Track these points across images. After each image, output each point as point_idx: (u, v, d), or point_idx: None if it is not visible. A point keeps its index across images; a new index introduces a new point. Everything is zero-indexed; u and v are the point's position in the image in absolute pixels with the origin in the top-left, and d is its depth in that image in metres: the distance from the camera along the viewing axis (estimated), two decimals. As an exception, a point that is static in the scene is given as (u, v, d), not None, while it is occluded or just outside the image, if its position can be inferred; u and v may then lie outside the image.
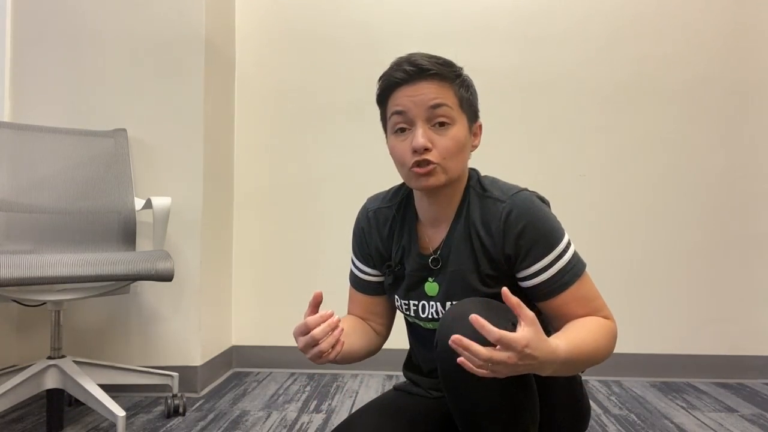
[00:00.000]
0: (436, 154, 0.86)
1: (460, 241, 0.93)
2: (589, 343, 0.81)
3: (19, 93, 1.96)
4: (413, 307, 0.99)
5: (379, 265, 1.04)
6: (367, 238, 1.04)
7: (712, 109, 2.23)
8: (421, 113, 0.86)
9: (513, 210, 0.89)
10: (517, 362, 0.67)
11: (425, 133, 0.85)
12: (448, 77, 0.88)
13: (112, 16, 1.97)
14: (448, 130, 0.87)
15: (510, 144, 2.25)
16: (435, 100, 0.86)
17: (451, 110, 0.87)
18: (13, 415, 1.71)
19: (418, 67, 0.86)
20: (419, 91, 0.86)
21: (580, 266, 0.89)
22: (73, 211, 1.75)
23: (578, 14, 2.25)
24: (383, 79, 0.90)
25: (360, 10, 2.28)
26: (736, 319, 2.20)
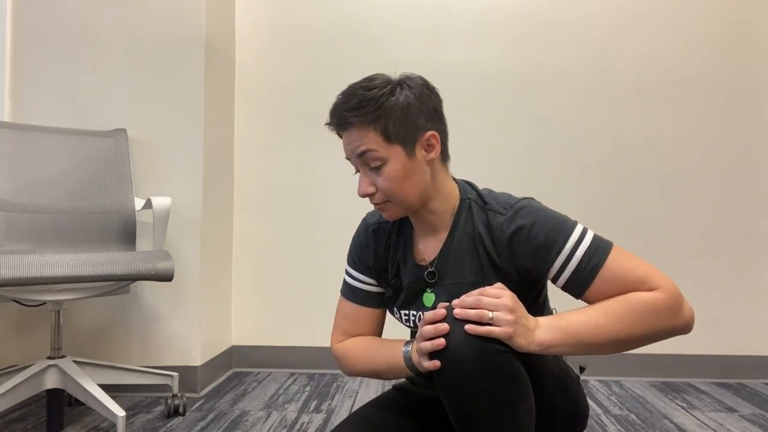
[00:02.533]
0: (380, 195, 0.91)
1: (460, 253, 0.93)
2: (593, 316, 0.79)
3: (19, 93, 1.96)
4: (412, 317, 0.99)
5: (376, 275, 1.04)
6: (366, 251, 1.04)
7: (712, 109, 2.23)
8: (357, 161, 0.91)
9: (516, 221, 0.89)
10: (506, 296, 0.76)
11: (364, 180, 0.91)
12: (364, 121, 0.87)
13: (112, 16, 1.97)
14: (382, 170, 0.89)
15: (510, 144, 2.25)
16: (359, 148, 0.88)
17: (377, 152, 0.88)
18: (13, 415, 1.71)
19: (338, 120, 0.90)
20: (347, 141, 0.91)
21: (605, 245, 0.86)
22: (73, 211, 1.75)
23: (578, 14, 2.25)
24: (330, 126, 0.94)
25: (360, 10, 2.28)
26: (736, 319, 2.20)
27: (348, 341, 1.04)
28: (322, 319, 2.09)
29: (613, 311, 0.80)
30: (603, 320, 0.79)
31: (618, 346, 0.81)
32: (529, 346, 0.77)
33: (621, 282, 0.82)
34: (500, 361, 0.76)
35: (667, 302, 0.81)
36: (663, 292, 0.81)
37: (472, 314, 0.76)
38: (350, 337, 1.05)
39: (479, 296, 0.77)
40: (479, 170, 2.25)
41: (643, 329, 0.80)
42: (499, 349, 0.75)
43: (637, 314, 0.80)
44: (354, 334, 1.05)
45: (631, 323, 0.80)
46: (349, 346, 1.03)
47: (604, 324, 0.79)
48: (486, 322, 0.75)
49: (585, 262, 0.84)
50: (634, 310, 0.80)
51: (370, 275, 1.04)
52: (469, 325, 0.75)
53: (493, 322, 0.75)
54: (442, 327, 0.76)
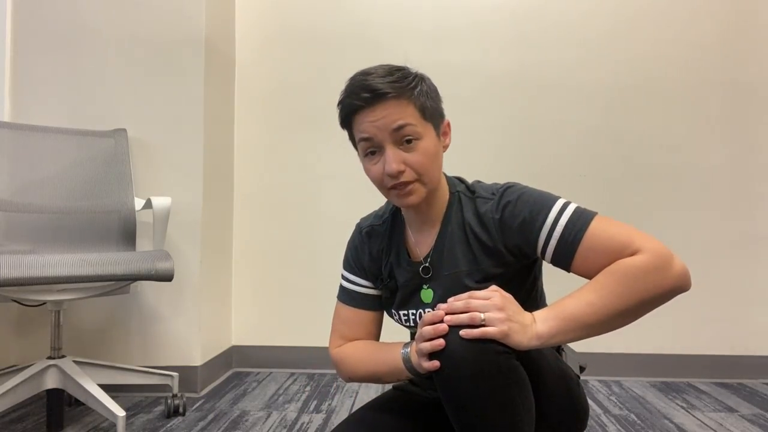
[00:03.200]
0: (411, 173, 0.88)
1: (453, 244, 0.94)
2: (584, 296, 0.79)
3: (19, 93, 1.96)
4: (412, 316, 0.99)
5: (372, 277, 1.04)
6: (361, 254, 1.05)
7: (712, 109, 2.23)
8: (387, 137, 0.87)
9: (504, 200, 0.92)
10: (496, 296, 0.76)
11: (395, 156, 0.87)
12: (405, 95, 0.87)
13: (112, 16, 1.97)
14: (417, 145, 0.87)
15: (509, 144, 2.25)
16: (397, 122, 0.86)
17: (415, 127, 0.87)
18: (13, 415, 1.71)
19: (374, 92, 0.85)
20: (380, 114, 0.86)
21: (587, 213, 0.87)
22: (73, 211, 1.75)
23: (578, 14, 2.25)
24: (342, 105, 0.90)
25: (360, 9, 2.28)
26: (736, 319, 2.20)
27: (346, 346, 1.03)
28: (322, 319, 2.07)
29: (601, 285, 0.79)
30: (594, 297, 0.78)
31: (618, 320, 0.78)
32: (530, 342, 0.76)
33: (605, 248, 0.82)
34: (498, 362, 0.75)
35: (652, 263, 0.79)
36: (646, 254, 0.80)
37: (464, 318, 0.75)
38: (348, 342, 1.05)
39: (469, 299, 0.77)
40: (479, 170, 2.25)
41: (636, 296, 0.78)
42: (498, 350, 0.75)
43: (625, 282, 0.78)
44: (352, 338, 1.04)
45: (623, 292, 0.78)
46: (348, 350, 1.02)
47: (597, 300, 0.78)
48: (479, 324, 0.75)
49: (568, 230, 0.85)
50: (620, 279, 0.79)
51: (366, 278, 1.04)
52: (465, 330, 0.74)
53: (486, 322, 0.75)
54: (441, 327, 0.76)
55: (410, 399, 1.04)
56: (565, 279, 1.00)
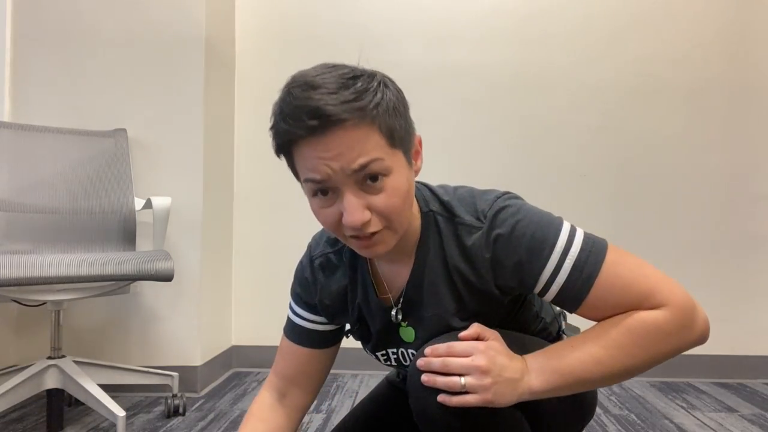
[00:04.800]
0: (378, 221, 0.67)
1: (433, 281, 0.77)
2: (592, 351, 0.68)
3: (19, 93, 1.96)
4: (392, 356, 0.86)
5: (331, 317, 0.89)
6: (312, 289, 0.88)
7: (713, 109, 2.23)
8: (345, 179, 0.64)
9: (494, 231, 0.73)
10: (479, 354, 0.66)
11: (358, 204, 0.65)
12: (367, 118, 0.64)
13: (112, 16, 1.97)
14: (385, 184, 0.66)
15: (510, 144, 2.25)
16: (358, 160, 0.64)
17: (383, 161, 0.65)
18: (13, 415, 1.71)
19: (325, 117, 0.62)
20: (334, 149, 0.63)
21: (598, 247, 0.71)
22: (73, 211, 1.75)
23: (578, 14, 2.25)
24: (278, 133, 0.66)
25: (360, 10, 2.28)
26: (736, 319, 2.20)
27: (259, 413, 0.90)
28: (322, 319, 2.07)
29: (614, 342, 0.67)
30: (604, 354, 0.67)
31: (624, 377, 0.69)
32: (520, 398, 0.67)
33: (619, 298, 0.69)
34: (482, 424, 0.67)
35: (678, 321, 0.68)
36: (671, 311, 0.67)
37: (440, 383, 0.65)
38: (287, 384, 0.92)
39: (447, 356, 0.66)
40: (479, 170, 2.26)
41: (651, 355, 0.67)
42: (482, 414, 0.66)
43: (642, 342, 0.67)
44: (292, 379, 0.91)
45: (637, 353, 0.67)
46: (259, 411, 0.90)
47: (606, 358, 0.67)
48: (458, 391, 0.65)
49: (577, 270, 0.70)
50: (638, 340, 0.67)
51: (316, 313, 0.89)
52: (441, 397, 0.65)
53: (467, 388, 0.64)
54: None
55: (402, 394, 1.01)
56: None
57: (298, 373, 0.91)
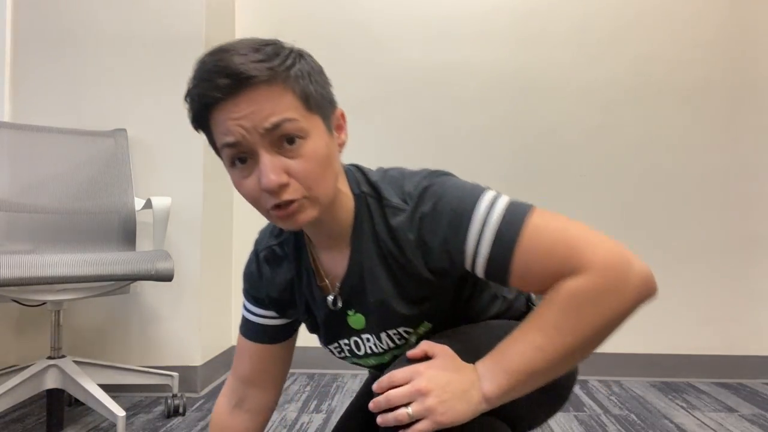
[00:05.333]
0: (296, 187, 0.65)
1: (371, 267, 0.75)
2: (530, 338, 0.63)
3: (19, 93, 1.96)
4: (345, 347, 0.84)
5: (281, 310, 0.87)
6: (260, 284, 0.86)
7: (713, 109, 2.23)
8: (258, 139, 0.63)
9: (418, 212, 0.70)
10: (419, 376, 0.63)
11: (274, 165, 0.63)
12: (279, 78, 0.64)
13: (112, 16, 1.97)
14: (302, 147, 0.65)
15: (510, 144, 2.25)
16: (271, 118, 0.63)
17: (298, 122, 0.64)
18: (13, 415, 1.71)
19: (235, 76, 0.62)
20: (246, 108, 0.62)
21: (519, 212, 0.67)
22: (73, 211, 1.75)
23: (578, 14, 2.25)
24: (191, 97, 0.66)
25: (360, 9, 2.28)
26: (736, 319, 2.20)
27: (219, 421, 0.91)
28: (322, 319, 2.07)
29: (549, 324, 0.63)
30: (541, 338, 0.63)
31: (577, 355, 0.63)
32: (477, 409, 0.63)
33: (545, 262, 0.64)
34: None
35: (602, 283, 0.62)
36: (594, 274, 0.62)
37: (390, 420, 0.62)
38: (245, 386, 0.91)
39: (388, 392, 0.64)
40: (479, 169, 2.26)
41: (590, 329, 0.62)
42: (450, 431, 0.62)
43: (575, 316, 0.62)
44: (251, 380, 0.90)
45: (573, 327, 0.62)
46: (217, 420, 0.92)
47: (545, 341, 0.62)
48: (407, 423, 0.62)
49: (498, 243, 0.66)
50: (570, 313, 0.62)
51: (266, 308, 0.88)
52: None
53: (415, 416, 0.61)
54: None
55: None
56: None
57: (256, 372, 0.90)
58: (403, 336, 0.79)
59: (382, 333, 0.79)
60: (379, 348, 0.81)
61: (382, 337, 0.80)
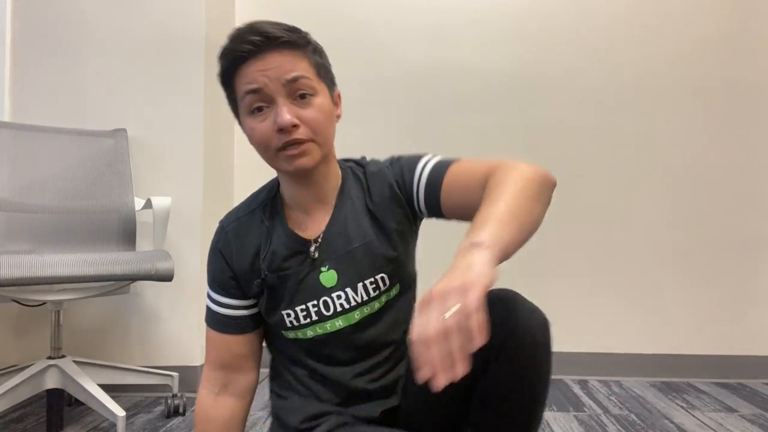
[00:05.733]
0: (305, 130, 0.78)
1: (356, 213, 0.86)
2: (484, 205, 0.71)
3: (19, 93, 1.96)
4: (312, 309, 0.85)
5: (248, 287, 0.88)
6: (228, 259, 0.89)
7: (713, 109, 2.23)
8: (279, 88, 0.77)
9: (391, 164, 0.90)
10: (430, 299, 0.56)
11: (289, 108, 0.77)
12: (300, 45, 0.80)
13: (112, 16, 1.97)
14: (312, 101, 0.79)
15: (510, 144, 2.25)
16: (292, 72, 0.77)
17: (311, 80, 0.79)
18: (13, 415, 1.71)
19: (266, 35, 0.77)
20: (271, 63, 0.77)
21: (454, 158, 0.87)
22: (73, 211, 1.75)
23: (578, 14, 2.25)
24: (226, 54, 0.79)
25: (360, 9, 2.28)
26: (736, 319, 2.20)
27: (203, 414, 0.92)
28: (322, 319, 2.07)
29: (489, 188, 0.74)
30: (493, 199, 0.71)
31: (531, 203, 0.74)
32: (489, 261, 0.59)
33: (469, 175, 0.81)
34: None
35: (510, 164, 0.79)
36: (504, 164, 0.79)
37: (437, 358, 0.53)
38: (225, 373, 0.92)
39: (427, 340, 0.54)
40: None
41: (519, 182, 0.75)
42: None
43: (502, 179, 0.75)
44: (231, 366, 0.92)
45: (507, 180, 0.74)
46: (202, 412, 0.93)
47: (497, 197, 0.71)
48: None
49: (433, 171, 0.84)
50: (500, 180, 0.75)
51: (232, 294, 0.90)
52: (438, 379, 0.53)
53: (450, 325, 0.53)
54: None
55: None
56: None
57: (234, 358, 0.92)
58: (380, 286, 0.85)
59: (359, 284, 0.84)
60: (351, 302, 0.85)
61: (358, 288, 0.84)
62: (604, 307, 2.22)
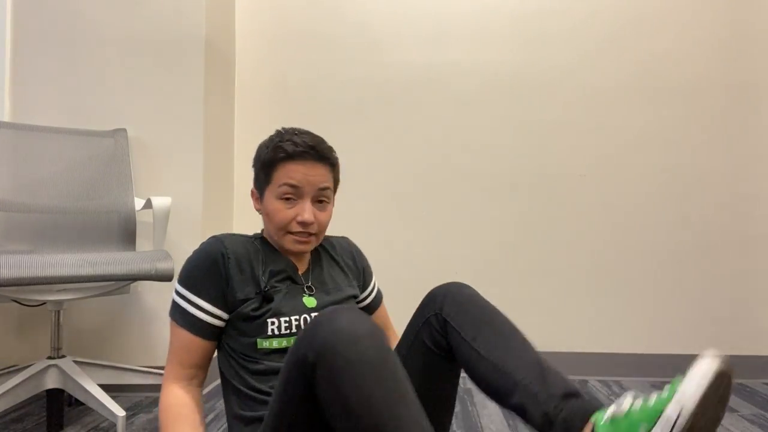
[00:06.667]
0: (316, 227, 1.02)
1: (329, 267, 1.13)
2: None
3: (19, 93, 1.96)
4: (294, 322, 0.99)
5: (237, 292, 0.98)
6: (226, 263, 0.99)
7: (713, 109, 2.23)
8: (311, 191, 1.00)
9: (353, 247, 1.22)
10: None
11: (312, 210, 1.00)
12: (333, 163, 1.04)
13: (112, 16, 1.97)
14: (326, 207, 1.04)
15: (509, 144, 2.25)
16: (323, 183, 1.01)
17: (331, 192, 1.05)
18: (13, 415, 1.71)
19: (315, 149, 1.00)
20: (313, 171, 1.00)
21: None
22: (73, 211, 1.75)
23: (578, 14, 2.25)
24: (277, 147, 1.00)
25: (359, 9, 2.28)
26: (736, 319, 2.20)
27: (175, 395, 0.97)
28: (322, 319, 2.06)
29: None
30: None
31: None
32: None
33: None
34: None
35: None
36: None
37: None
38: (193, 371, 0.99)
39: None
40: (479, 169, 2.26)
41: None
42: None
43: None
44: (199, 365, 1.00)
45: None
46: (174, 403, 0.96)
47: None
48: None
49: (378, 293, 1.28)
50: None
51: (217, 303, 0.98)
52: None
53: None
54: None
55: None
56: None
57: (202, 359, 1.01)
58: None
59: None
60: None
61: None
62: (604, 307, 2.22)
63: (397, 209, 2.24)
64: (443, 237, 2.25)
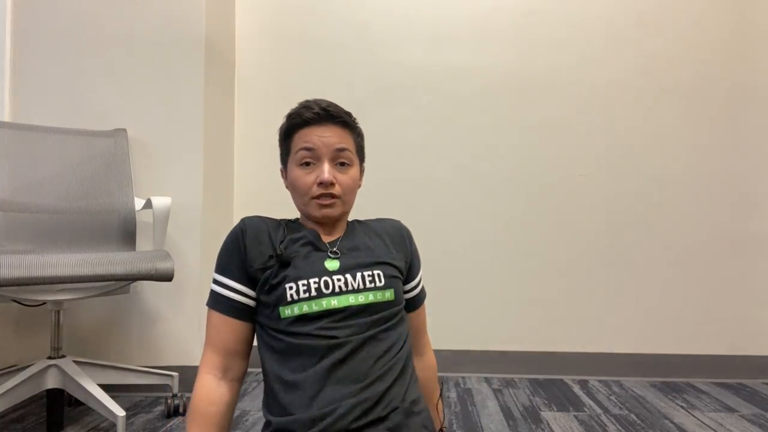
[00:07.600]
0: (338, 189, 1.00)
1: (366, 237, 1.06)
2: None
3: (19, 93, 1.96)
4: (313, 285, 0.94)
5: (255, 262, 0.97)
6: (245, 239, 0.99)
7: (713, 109, 2.23)
8: (327, 152, 0.99)
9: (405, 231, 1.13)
10: None
11: (331, 170, 0.99)
12: (350, 126, 1.03)
13: (112, 16, 1.97)
14: (348, 169, 1.02)
15: (510, 144, 2.25)
16: (340, 143, 1.00)
17: (351, 154, 1.02)
18: (13, 415, 1.71)
19: (328, 112, 1.00)
20: (327, 132, 0.99)
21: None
22: (73, 211, 1.75)
23: (579, 14, 2.25)
24: (293, 116, 1.01)
25: (360, 10, 2.28)
26: (736, 319, 2.20)
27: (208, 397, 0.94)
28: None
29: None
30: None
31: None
32: None
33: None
34: None
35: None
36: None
37: None
38: (229, 358, 0.97)
39: None
40: (479, 170, 2.26)
41: None
42: None
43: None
44: (235, 351, 0.98)
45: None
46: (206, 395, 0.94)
47: None
48: None
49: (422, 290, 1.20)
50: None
51: (244, 281, 0.98)
52: None
53: None
54: None
55: None
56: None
57: (235, 342, 0.98)
58: (375, 280, 0.98)
59: (357, 272, 0.97)
60: (349, 286, 0.96)
61: (356, 275, 0.97)
62: (604, 307, 2.22)
63: (397, 209, 2.24)
64: (443, 237, 2.25)
